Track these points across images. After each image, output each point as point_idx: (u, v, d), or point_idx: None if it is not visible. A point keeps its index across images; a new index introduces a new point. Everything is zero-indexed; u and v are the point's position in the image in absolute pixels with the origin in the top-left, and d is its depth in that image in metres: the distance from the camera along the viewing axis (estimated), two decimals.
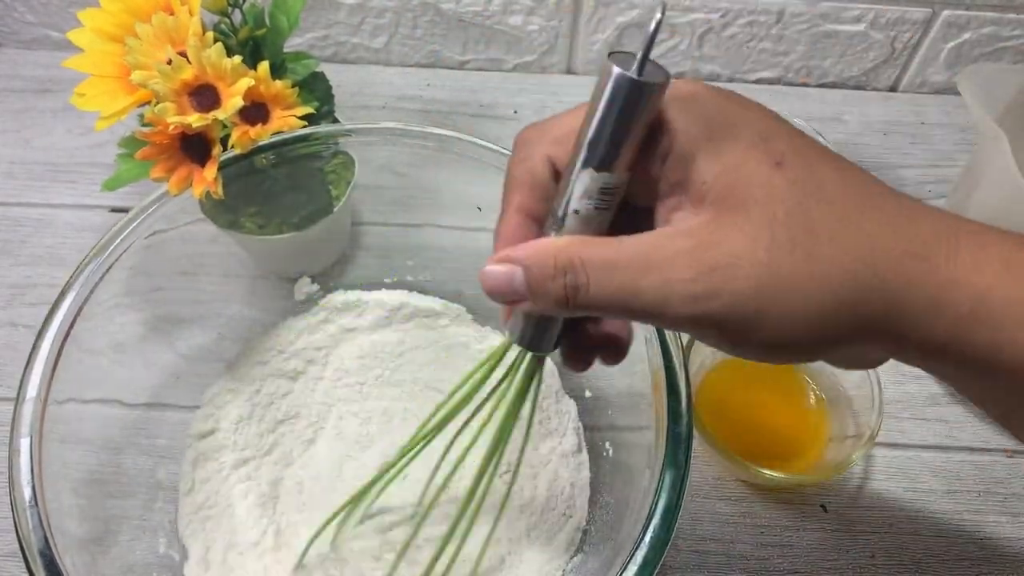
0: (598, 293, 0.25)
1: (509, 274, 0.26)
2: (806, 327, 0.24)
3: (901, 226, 0.24)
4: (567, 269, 0.25)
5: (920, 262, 0.24)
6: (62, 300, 0.39)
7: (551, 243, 0.26)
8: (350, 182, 0.51)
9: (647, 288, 0.24)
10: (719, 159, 0.25)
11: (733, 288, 0.24)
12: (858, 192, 0.25)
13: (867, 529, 0.49)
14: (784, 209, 0.24)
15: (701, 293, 0.24)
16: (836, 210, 0.24)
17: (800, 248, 0.24)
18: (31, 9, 0.68)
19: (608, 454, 0.46)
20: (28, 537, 0.34)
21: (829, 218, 0.24)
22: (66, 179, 0.62)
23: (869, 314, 0.24)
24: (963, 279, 0.24)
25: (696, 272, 0.24)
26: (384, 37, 0.70)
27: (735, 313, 0.24)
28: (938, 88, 0.73)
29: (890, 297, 0.24)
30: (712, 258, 0.24)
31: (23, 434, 0.36)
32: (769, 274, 0.24)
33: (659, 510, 0.34)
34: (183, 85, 0.39)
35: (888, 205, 0.25)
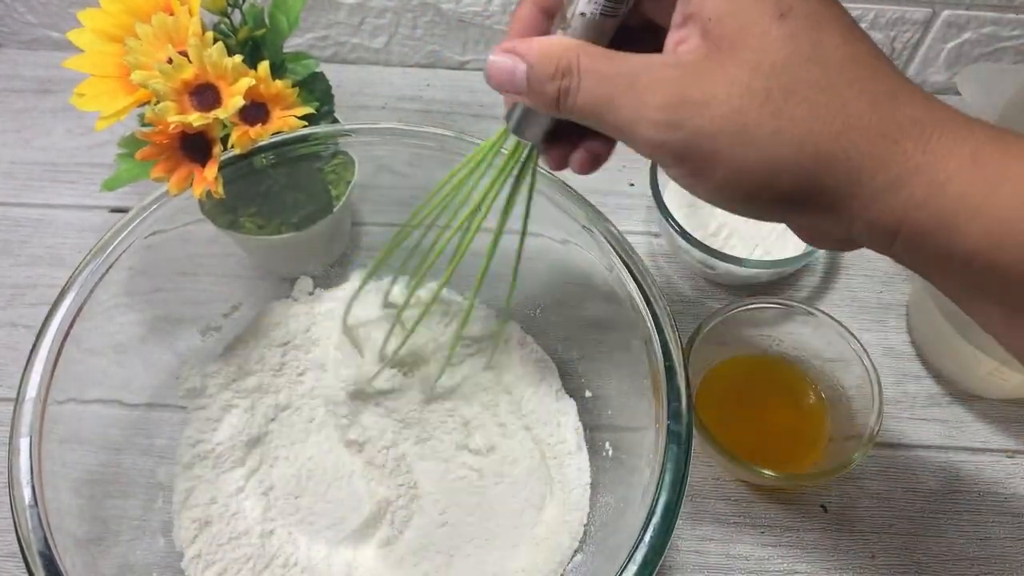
0: (584, 100, 0.26)
1: (512, 67, 0.28)
2: (758, 180, 0.25)
3: (883, 105, 0.25)
4: (565, 72, 0.26)
5: (890, 143, 0.24)
6: (62, 300, 0.39)
7: (557, 44, 0.27)
8: (350, 182, 0.51)
9: (623, 105, 0.26)
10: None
11: (696, 124, 0.25)
12: (854, 61, 0.25)
13: (867, 529, 0.49)
14: (771, 61, 0.24)
15: (665, 121, 0.25)
16: (823, 74, 0.25)
17: (772, 102, 0.24)
18: (31, 9, 0.68)
19: (608, 454, 0.46)
20: (28, 537, 0.34)
21: (813, 80, 0.24)
22: (66, 179, 0.62)
23: (825, 184, 0.25)
24: (926, 166, 0.24)
25: (668, 101, 0.25)
26: (384, 37, 0.70)
27: (692, 148, 0.25)
28: (938, 88, 0.73)
29: (851, 172, 0.25)
30: (687, 92, 0.25)
31: (23, 434, 0.36)
32: (734, 120, 0.25)
33: (659, 510, 0.34)
34: (184, 84, 0.39)
35: (879, 81, 0.25)
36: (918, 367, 0.55)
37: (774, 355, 0.52)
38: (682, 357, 0.38)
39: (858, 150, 0.24)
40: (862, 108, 0.24)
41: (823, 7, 0.25)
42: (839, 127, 0.24)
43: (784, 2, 0.25)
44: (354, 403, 0.47)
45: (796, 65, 0.24)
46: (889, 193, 0.24)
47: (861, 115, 0.24)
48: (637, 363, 0.41)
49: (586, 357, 0.50)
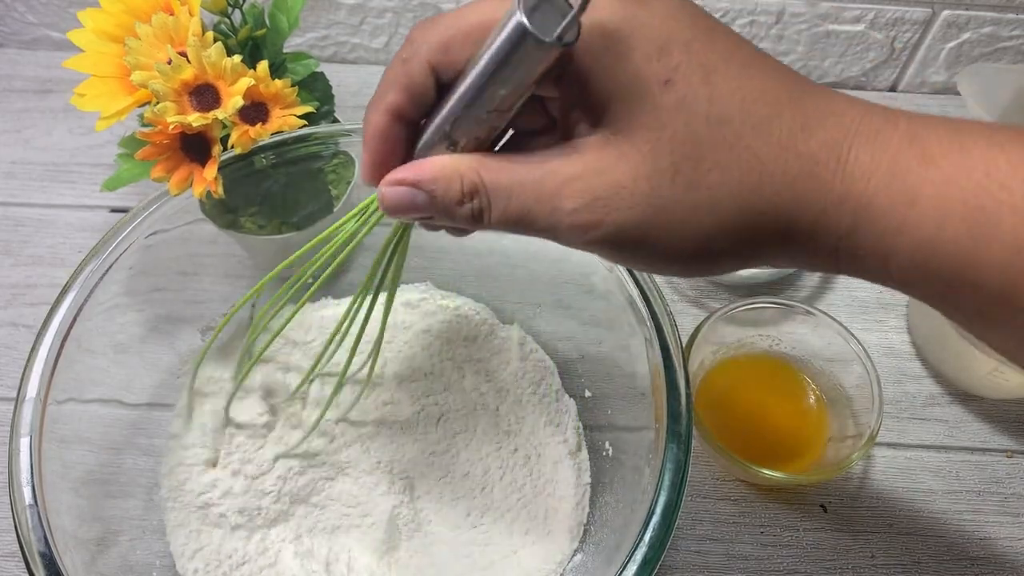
0: (500, 217, 0.26)
1: (410, 195, 0.26)
2: (694, 251, 0.25)
3: (795, 142, 0.24)
4: (473, 194, 0.26)
5: (809, 180, 0.24)
6: (62, 300, 0.40)
7: (454, 164, 0.26)
8: (350, 182, 0.51)
9: (539, 216, 0.25)
10: (611, 77, 0.24)
11: (615, 219, 0.24)
12: (756, 103, 0.24)
13: (867, 529, 0.49)
14: (669, 133, 0.24)
15: (584, 223, 0.24)
16: (725, 131, 0.23)
17: (682, 176, 0.24)
18: (31, 9, 0.68)
19: (608, 454, 0.46)
20: (28, 537, 0.34)
21: (718, 140, 0.23)
22: (66, 179, 0.62)
23: (759, 237, 0.24)
24: (848, 193, 0.23)
25: (580, 203, 0.24)
26: (384, 37, 0.70)
27: (619, 240, 0.25)
28: (938, 88, 0.73)
29: (780, 220, 0.24)
30: (595, 188, 0.24)
31: (23, 434, 0.36)
32: (650, 205, 0.24)
33: (659, 509, 0.34)
34: (183, 85, 0.39)
35: (785, 117, 0.24)
36: (918, 367, 0.55)
37: (774, 355, 0.52)
38: (682, 357, 0.38)
39: (781, 198, 0.24)
40: (773, 153, 0.23)
41: (710, 52, 0.24)
42: (756, 181, 0.24)
43: (669, 63, 0.23)
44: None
45: (695, 131, 0.23)
46: (820, 229, 0.24)
47: (775, 160, 0.23)
48: (637, 363, 0.41)
49: (586, 357, 0.50)
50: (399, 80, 0.26)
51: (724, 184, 0.23)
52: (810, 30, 0.69)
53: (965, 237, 0.22)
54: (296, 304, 0.40)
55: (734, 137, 0.23)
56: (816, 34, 0.69)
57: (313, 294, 0.39)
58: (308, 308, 0.52)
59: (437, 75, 0.26)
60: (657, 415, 0.37)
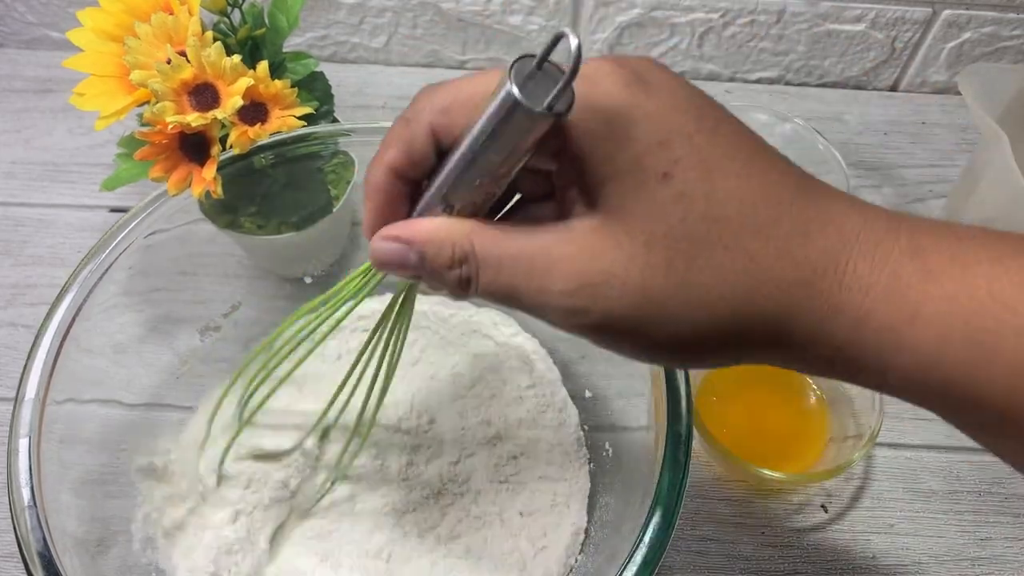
0: (487, 287, 0.25)
1: (402, 253, 0.26)
2: (682, 347, 0.24)
3: (793, 248, 0.23)
4: (462, 260, 0.25)
5: (805, 288, 0.23)
6: (61, 300, 0.39)
7: (447, 228, 0.25)
8: (350, 182, 0.51)
9: (527, 293, 0.24)
10: (611, 163, 0.23)
11: (604, 307, 0.23)
12: (754, 206, 0.23)
13: (867, 529, 0.49)
14: (664, 228, 0.23)
15: (573, 308, 0.24)
16: (722, 229, 0.23)
17: (675, 272, 0.23)
18: (31, 9, 0.68)
19: (608, 454, 0.46)
20: (27, 538, 0.34)
21: (714, 239, 0.23)
22: (66, 179, 0.62)
23: (751, 340, 0.24)
24: (846, 304, 0.23)
25: (570, 286, 0.24)
26: (384, 37, 0.70)
27: (608, 329, 0.24)
28: (939, 88, 0.73)
29: (774, 327, 0.23)
30: (587, 273, 0.23)
31: (22, 434, 0.36)
32: (641, 297, 0.23)
33: (659, 510, 0.34)
34: (182, 84, 0.39)
35: (785, 221, 0.23)
36: None
37: None
38: None
39: (775, 305, 0.23)
40: (771, 259, 0.23)
41: (712, 147, 0.23)
42: (750, 285, 0.23)
43: (669, 156, 0.23)
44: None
45: (692, 227, 0.23)
46: (814, 338, 0.24)
47: (771, 267, 0.23)
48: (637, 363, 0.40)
49: (586, 357, 0.50)
50: (401, 139, 0.26)
51: (717, 285, 0.23)
52: (810, 30, 0.69)
53: (967, 358, 0.22)
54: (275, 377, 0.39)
55: (731, 238, 0.23)
56: (816, 34, 0.69)
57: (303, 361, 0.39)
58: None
59: (437, 138, 0.25)
60: (657, 415, 0.37)
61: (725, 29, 0.69)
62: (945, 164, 0.67)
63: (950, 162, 0.68)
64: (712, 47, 0.70)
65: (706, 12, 0.67)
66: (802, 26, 0.68)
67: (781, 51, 0.71)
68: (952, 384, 0.23)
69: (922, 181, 0.66)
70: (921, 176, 0.67)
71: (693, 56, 0.71)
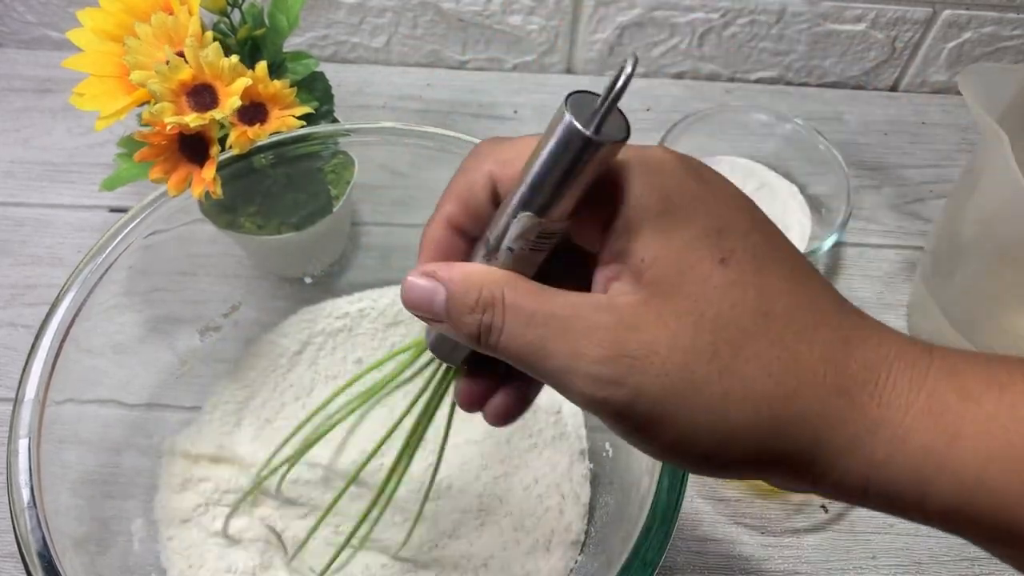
0: (508, 342, 0.24)
1: (432, 291, 0.25)
2: (711, 444, 0.23)
3: (835, 355, 0.23)
4: (487, 306, 0.24)
5: (845, 399, 0.22)
6: (61, 300, 0.39)
7: (481, 272, 0.24)
8: (350, 182, 0.51)
9: (555, 353, 0.23)
10: (665, 240, 0.23)
11: (639, 381, 0.22)
12: (802, 308, 0.23)
13: (868, 529, 0.49)
14: (714, 312, 0.22)
15: (606, 377, 0.22)
16: (771, 325, 0.23)
17: (719, 359, 0.22)
18: (31, 9, 0.68)
19: (608, 454, 0.46)
20: (27, 538, 0.34)
21: (759, 332, 0.22)
22: (65, 179, 0.62)
23: (783, 447, 0.23)
24: (884, 421, 0.22)
25: (607, 353, 0.22)
26: (384, 37, 0.70)
27: (636, 409, 0.23)
28: (939, 88, 0.73)
29: (808, 436, 0.23)
30: (627, 344, 0.22)
31: (22, 435, 0.36)
32: (681, 378, 0.22)
33: (659, 510, 0.34)
34: (180, 85, 0.39)
35: (829, 328, 0.23)
36: None
37: None
38: None
39: (814, 411, 0.22)
40: (814, 362, 0.23)
41: (766, 246, 0.23)
42: (793, 386, 0.22)
43: (726, 245, 0.23)
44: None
45: (741, 316, 0.22)
46: (849, 454, 0.23)
47: (815, 370, 0.22)
48: None
49: None
50: (460, 191, 0.25)
51: (760, 379, 0.22)
52: (811, 29, 0.69)
53: (1012, 480, 0.21)
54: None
55: (777, 334, 0.22)
56: (817, 33, 0.69)
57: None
58: (306, 311, 0.52)
59: (496, 189, 0.25)
60: None
61: (725, 29, 0.69)
62: (945, 164, 0.67)
63: (950, 162, 0.68)
64: (712, 47, 0.70)
65: (706, 12, 0.67)
66: (802, 26, 0.68)
67: (781, 51, 0.71)
68: (997, 510, 0.22)
69: (922, 181, 0.66)
70: (921, 176, 0.67)
71: (693, 56, 0.71)
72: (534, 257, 0.25)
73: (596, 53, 0.71)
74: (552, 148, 0.22)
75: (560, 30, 0.69)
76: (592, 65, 0.72)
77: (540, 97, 0.70)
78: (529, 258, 0.25)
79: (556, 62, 0.72)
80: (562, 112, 0.22)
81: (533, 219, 0.23)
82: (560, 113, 0.22)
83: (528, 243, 0.24)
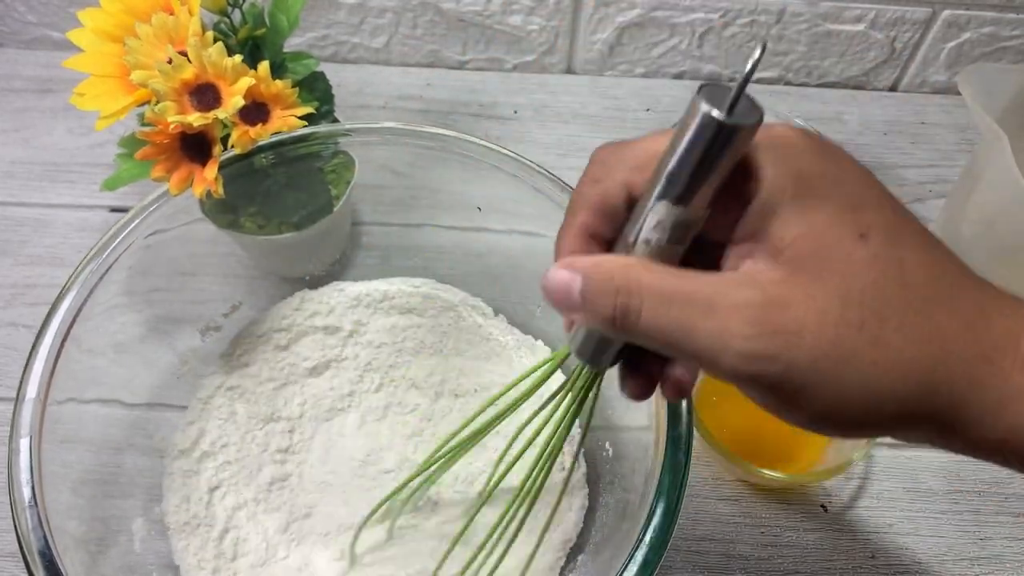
0: (650, 323, 0.24)
1: (569, 281, 0.25)
2: (860, 410, 0.24)
3: (975, 323, 0.24)
4: (623, 289, 0.24)
5: (987, 365, 0.23)
6: (62, 300, 0.39)
7: (615, 259, 0.25)
8: (350, 182, 0.51)
9: (703, 332, 0.23)
10: (804, 219, 0.24)
11: (793, 356, 0.23)
12: (938, 278, 0.24)
13: (867, 529, 0.49)
14: (860, 285, 0.23)
15: (759, 353, 0.23)
16: (912, 295, 0.23)
17: (868, 330, 0.23)
18: (31, 9, 0.68)
19: (608, 454, 0.46)
20: (28, 537, 0.34)
21: (903, 303, 0.23)
22: (66, 179, 0.62)
23: (928, 409, 0.24)
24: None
25: (758, 330, 0.23)
26: (384, 37, 0.70)
27: (790, 381, 0.23)
28: (938, 88, 0.73)
29: (954, 397, 0.23)
30: (777, 320, 0.23)
31: (23, 434, 0.36)
32: (832, 350, 0.23)
33: (659, 510, 0.34)
34: (183, 84, 0.39)
35: (966, 297, 0.24)
36: None
37: None
38: None
39: (959, 375, 0.23)
40: (956, 329, 0.23)
41: (900, 221, 0.24)
42: (937, 352, 0.23)
43: (863, 220, 0.24)
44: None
45: (885, 289, 0.23)
46: (990, 416, 0.24)
47: (956, 337, 0.23)
48: None
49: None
50: (594, 201, 0.26)
51: (908, 348, 0.23)
52: (810, 30, 0.69)
53: None
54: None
55: (920, 304, 0.23)
56: (816, 34, 0.69)
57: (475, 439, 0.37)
58: (326, 291, 0.52)
59: (631, 195, 0.26)
60: (657, 416, 0.37)
61: (725, 29, 0.69)
62: (945, 164, 0.68)
63: (950, 162, 0.68)
64: (712, 47, 0.70)
65: (706, 12, 0.68)
66: (802, 26, 0.69)
67: (781, 51, 0.71)
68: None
69: (922, 181, 0.66)
70: (921, 176, 0.67)
71: (693, 56, 0.71)
72: (672, 250, 0.25)
73: (596, 53, 0.71)
74: (689, 137, 0.23)
75: (560, 30, 0.69)
76: (592, 65, 0.72)
77: (540, 97, 0.70)
78: (667, 251, 0.25)
79: (556, 62, 0.72)
80: (696, 102, 0.23)
81: (670, 208, 0.24)
82: (694, 103, 0.23)
83: (665, 233, 0.25)
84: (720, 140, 0.23)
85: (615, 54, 0.71)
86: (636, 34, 0.69)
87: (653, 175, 0.24)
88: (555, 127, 0.68)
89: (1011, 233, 0.50)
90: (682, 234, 0.25)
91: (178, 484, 0.45)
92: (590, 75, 0.72)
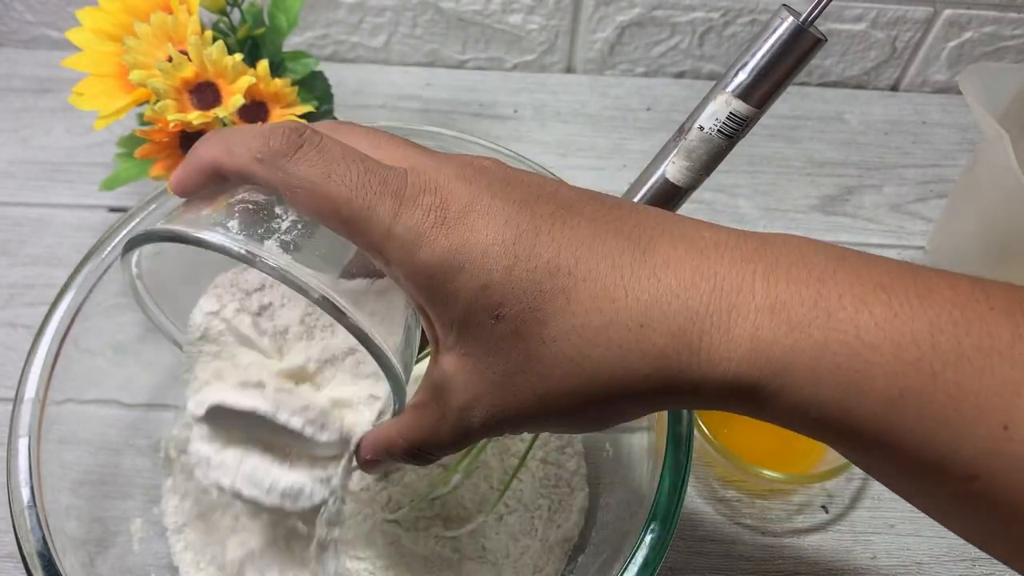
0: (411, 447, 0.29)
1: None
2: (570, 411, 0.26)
3: (641, 343, 0.24)
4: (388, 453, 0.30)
5: (665, 372, 0.24)
6: (60, 300, 0.39)
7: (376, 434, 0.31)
8: None
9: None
10: (452, 311, 0.25)
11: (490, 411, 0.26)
12: (585, 329, 0.24)
13: (868, 529, 0.48)
14: (514, 355, 0.25)
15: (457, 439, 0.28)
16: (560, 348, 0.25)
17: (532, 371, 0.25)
18: (30, 8, 0.68)
19: (608, 454, 0.46)
20: (26, 538, 0.34)
21: (556, 355, 0.25)
22: (64, 179, 0.62)
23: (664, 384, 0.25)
24: (709, 376, 0.24)
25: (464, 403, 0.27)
26: (384, 36, 0.70)
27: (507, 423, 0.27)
28: (939, 87, 0.73)
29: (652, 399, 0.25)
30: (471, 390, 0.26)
31: (21, 435, 0.36)
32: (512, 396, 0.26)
33: (659, 511, 0.34)
34: (184, 83, 0.39)
35: (622, 321, 0.24)
36: None
37: None
38: None
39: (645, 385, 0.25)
40: (613, 358, 0.24)
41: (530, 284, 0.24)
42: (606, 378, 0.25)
43: (492, 302, 0.24)
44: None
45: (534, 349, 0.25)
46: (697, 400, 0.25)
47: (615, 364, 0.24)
48: None
49: None
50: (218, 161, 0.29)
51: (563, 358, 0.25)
52: None
53: (840, 398, 0.23)
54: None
55: (573, 351, 0.24)
56: None
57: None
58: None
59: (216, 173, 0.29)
60: (657, 416, 0.37)
61: (726, 28, 0.69)
62: (946, 164, 0.67)
63: (951, 162, 0.68)
64: (712, 47, 0.70)
65: (707, 11, 0.67)
66: None
67: None
68: (829, 418, 0.23)
69: (922, 181, 0.66)
70: (921, 176, 0.67)
71: (693, 56, 0.71)
72: (719, 142, 0.28)
73: (596, 52, 0.71)
74: (767, 36, 0.27)
75: (560, 29, 0.69)
76: (592, 65, 0.72)
77: (540, 96, 0.70)
78: (715, 141, 0.28)
79: (556, 61, 0.72)
80: (780, 11, 0.27)
81: (730, 98, 0.28)
82: (778, 13, 0.27)
83: (718, 123, 0.28)
84: (795, 42, 0.27)
85: (615, 53, 0.71)
86: (636, 33, 0.69)
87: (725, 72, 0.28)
88: (555, 127, 0.68)
89: (1011, 233, 0.50)
90: (733, 128, 0.28)
91: (177, 484, 0.44)
92: (590, 74, 0.72)
